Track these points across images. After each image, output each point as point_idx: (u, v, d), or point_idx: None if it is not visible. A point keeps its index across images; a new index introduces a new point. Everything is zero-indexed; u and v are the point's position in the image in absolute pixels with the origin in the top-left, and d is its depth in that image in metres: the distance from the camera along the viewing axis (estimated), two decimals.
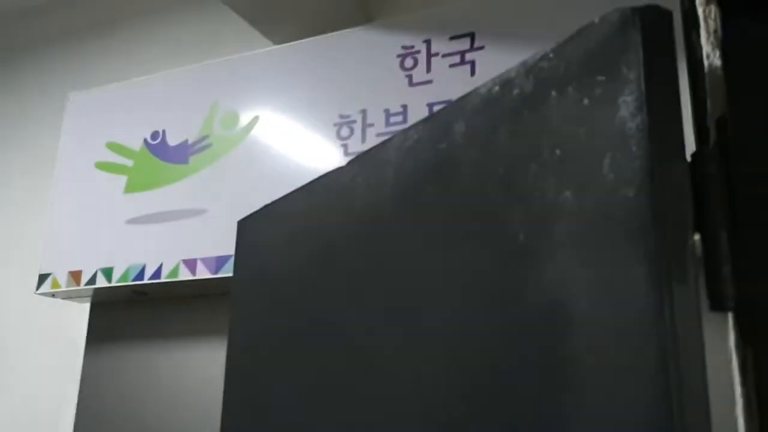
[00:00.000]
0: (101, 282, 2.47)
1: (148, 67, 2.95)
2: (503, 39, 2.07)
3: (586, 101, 0.70)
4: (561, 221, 0.70)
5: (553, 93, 0.74)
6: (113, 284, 2.44)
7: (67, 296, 2.64)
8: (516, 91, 0.79)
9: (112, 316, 2.71)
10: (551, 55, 0.76)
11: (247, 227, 1.49)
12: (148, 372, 2.59)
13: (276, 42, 2.76)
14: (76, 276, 2.52)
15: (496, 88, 0.83)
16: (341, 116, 2.25)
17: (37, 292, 2.59)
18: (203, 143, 2.45)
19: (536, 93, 0.77)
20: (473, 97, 0.87)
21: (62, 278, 2.55)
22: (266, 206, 1.41)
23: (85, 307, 2.79)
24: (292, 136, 2.32)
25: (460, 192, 0.87)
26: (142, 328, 2.63)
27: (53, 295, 2.62)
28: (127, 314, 2.67)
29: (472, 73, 2.09)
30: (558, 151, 0.72)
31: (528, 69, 0.79)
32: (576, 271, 0.68)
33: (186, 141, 2.49)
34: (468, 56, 2.11)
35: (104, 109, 2.72)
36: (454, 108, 0.91)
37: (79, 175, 2.66)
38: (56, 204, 2.67)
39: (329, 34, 2.38)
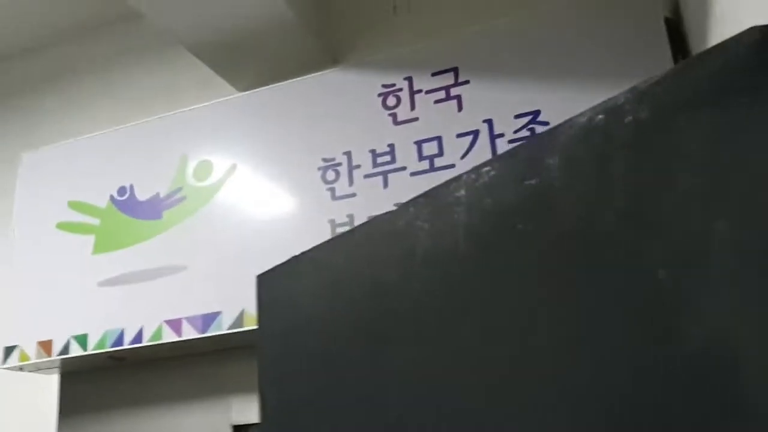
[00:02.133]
0: (75, 351, 2.31)
1: (103, 121, 2.83)
2: (487, 72, 2.07)
3: (727, 125, 0.67)
4: (714, 255, 0.66)
5: (681, 117, 0.71)
6: (89, 352, 2.28)
7: (37, 368, 2.46)
8: (629, 119, 0.76)
9: (85, 384, 2.53)
10: (667, 80, 0.73)
11: (270, 281, 1.41)
12: None
13: (239, 88, 2.69)
14: (45, 346, 2.35)
15: (600, 116, 0.79)
16: (325, 160, 2.19)
17: (4, 366, 2.40)
18: (176, 196, 2.34)
19: (656, 119, 0.73)
20: (568, 127, 0.83)
21: (30, 349, 2.37)
22: (295, 257, 1.33)
23: (53, 378, 2.61)
24: (273, 183, 2.24)
25: (562, 229, 0.82)
26: (120, 395, 2.47)
27: (21, 369, 2.43)
28: (102, 382, 2.50)
29: (459, 108, 2.07)
30: (699, 180, 0.68)
31: (639, 95, 0.75)
32: (741, 309, 0.64)
33: (157, 195, 2.38)
34: (453, 91, 2.09)
35: (62, 167, 2.58)
36: (540, 141, 0.87)
37: (40, 238, 2.50)
38: (17, 271, 2.50)
39: (302, 78, 2.32)
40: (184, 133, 2.42)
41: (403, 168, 2.08)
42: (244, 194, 2.26)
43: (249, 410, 2.28)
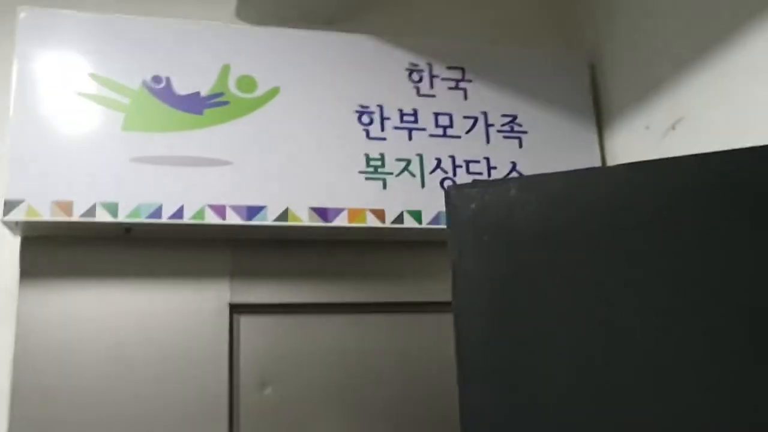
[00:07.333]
0: (103, 216, 2.44)
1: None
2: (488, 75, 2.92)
3: None
4: None
5: None
6: (119, 220, 2.45)
7: (46, 230, 2.48)
8: None
9: (53, 250, 2.59)
10: None
11: (465, 197, 2.04)
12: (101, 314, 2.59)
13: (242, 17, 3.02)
14: (64, 207, 2.43)
15: None
16: (360, 106, 2.77)
17: (5, 218, 2.38)
18: (219, 99, 2.65)
19: None
20: None
21: (43, 208, 2.41)
22: (507, 180, 2.04)
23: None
24: (314, 111, 2.71)
25: None
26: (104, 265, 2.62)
27: (17, 225, 2.43)
28: (79, 249, 2.61)
29: (465, 97, 2.88)
30: None
31: None
32: None
33: (198, 93, 2.64)
34: (461, 84, 2.89)
35: (80, 37, 2.59)
36: None
37: (53, 102, 2.51)
38: (19, 129, 2.46)
39: (345, 34, 2.84)
40: (226, 46, 2.70)
41: (424, 129, 2.80)
42: (288, 114, 2.69)
43: (249, 291, 2.70)
